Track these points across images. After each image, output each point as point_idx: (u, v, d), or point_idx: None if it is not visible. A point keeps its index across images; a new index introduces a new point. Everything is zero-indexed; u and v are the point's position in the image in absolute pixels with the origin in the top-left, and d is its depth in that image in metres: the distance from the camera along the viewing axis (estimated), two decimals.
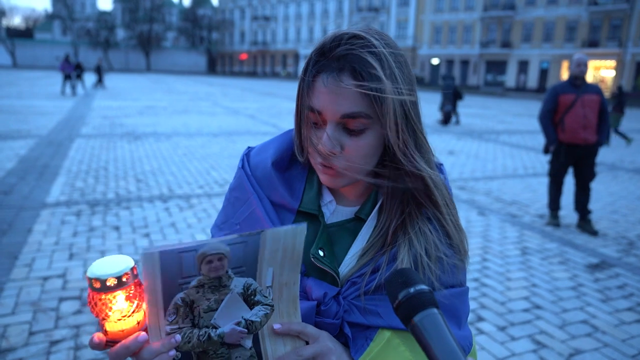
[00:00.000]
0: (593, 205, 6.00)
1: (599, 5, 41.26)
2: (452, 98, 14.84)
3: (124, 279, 0.63)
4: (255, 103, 20.88)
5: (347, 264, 0.82)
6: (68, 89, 21.82)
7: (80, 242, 4.24)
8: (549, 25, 44.65)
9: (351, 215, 0.85)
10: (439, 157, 0.93)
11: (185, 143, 9.69)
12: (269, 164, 0.86)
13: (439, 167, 0.89)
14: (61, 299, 3.23)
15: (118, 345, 0.65)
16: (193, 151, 8.80)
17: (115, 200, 5.58)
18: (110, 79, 34.72)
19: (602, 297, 3.65)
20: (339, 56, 0.73)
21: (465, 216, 5.55)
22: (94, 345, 0.65)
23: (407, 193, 0.81)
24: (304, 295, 0.80)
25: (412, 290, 0.58)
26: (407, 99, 0.75)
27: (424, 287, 0.59)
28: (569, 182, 5.52)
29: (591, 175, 5.21)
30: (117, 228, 4.66)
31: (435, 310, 0.57)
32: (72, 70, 21.31)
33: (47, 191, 5.78)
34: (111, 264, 0.63)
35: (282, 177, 0.86)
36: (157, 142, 9.62)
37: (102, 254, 4.00)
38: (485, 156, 9.80)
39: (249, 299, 0.70)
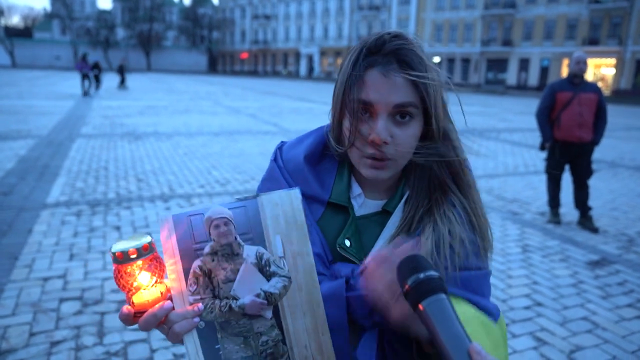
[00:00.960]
0: (593, 202, 6.00)
1: (599, 3, 41.20)
2: None
3: (144, 251, 0.69)
4: (256, 102, 20.87)
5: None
6: (92, 89, 21.43)
7: (80, 243, 4.25)
8: (549, 23, 44.59)
9: (379, 209, 0.89)
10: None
11: (186, 142, 9.69)
12: (301, 157, 0.91)
13: (465, 161, 0.95)
14: (62, 300, 3.23)
15: (146, 314, 0.70)
16: (194, 150, 8.80)
17: (116, 200, 5.58)
18: (109, 79, 34.70)
19: (603, 293, 3.65)
20: (388, 52, 0.80)
21: None
22: (124, 317, 0.70)
23: (435, 180, 0.87)
24: (334, 278, 0.83)
25: (421, 275, 0.59)
26: (444, 89, 0.85)
27: (433, 272, 0.60)
28: (568, 180, 5.52)
29: (588, 173, 5.21)
30: (118, 228, 4.66)
31: (443, 296, 0.58)
32: (89, 70, 20.85)
33: (47, 191, 5.79)
34: (131, 240, 0.70)
35: (313, 170, 0.91)
36: (157, 142, 9.63)
37: (103, 254, 4.01)
38: (486, 154, 9.79)
39: (264, 269, 0.73)
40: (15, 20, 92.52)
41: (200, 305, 0.71)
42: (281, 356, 0.74)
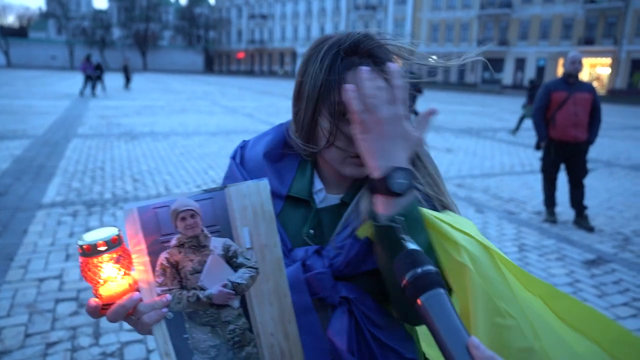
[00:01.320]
0: (589, 201, 6.02)
1: (594, 3, 41.36)
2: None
3: (112, 243, 0.69)
4: (253, 102, 20.86)
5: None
6: (88, 90, 21.18)
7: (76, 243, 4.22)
8: (545, 23, 44.75)
9: (338, 201, 0.92)
10: (437, 155, 0.97)
11: (182, 142, 9.67)
12: (260, 155, 0.94)
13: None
14: (57, 301, 3.22)
15: (114, 305, 0.70)
16: (190, 150, 8.79)
17: (112, 200, 5.56)
18: (106, 79, 34.60)
19: (599, 292, 3.66)
20: (364, 53, 0.83)
21: (463, 213, 5.47)
22: (91, 310, 0.71)
23: None
24: (292, 263, 0.86)
25: (419, 270, 0.59)
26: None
27: (431, 267, 0.60)
28: (564, 179, 5.54)
29: (583, 172, 5.23)
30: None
31: (441, 291, 0.58)
32: (93, 71, 20.61)
33: (43, 192, 5.76)
34: (98, 232, 0.70)
35: (272, 167, 0.93)
36: (154, 142, 9.60)
37: None
38: (483, 154, 9.81)
39: (231, 261, 0.74)
40: (10, 20, 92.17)
41: (168, 296, 0.72)
42: (248, 344, 0.76)
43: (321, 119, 0.86)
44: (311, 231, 0.88)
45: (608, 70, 41.60)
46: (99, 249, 0.68)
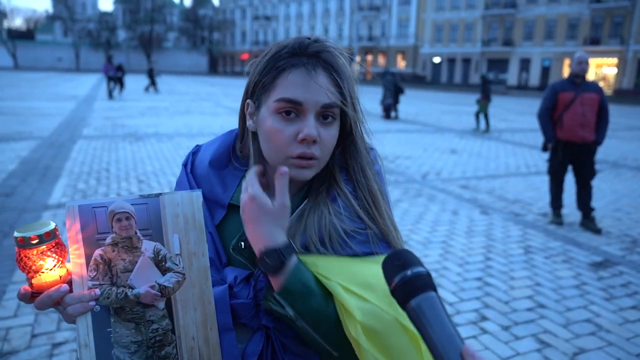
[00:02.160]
0: (596, 203, 5.98)
1: (600, 3, 41.15)
2: (393, 92, 15.16)
3: (45, 237, 0.73)
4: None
5: None
6: (116, 92, 20.97)
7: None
8: (550, 23, 44.56)
9: None
10: (442, 156, 0.96)
11: (187, 144, 9.68)
12: (206, 162, 0.93)
13: (372, 151, 0.95)
14: None
15: (42, 295, 0.74)
16: None
17: None
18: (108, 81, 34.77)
19: (606, 295, 3.63)
20: (312, 53, 0.82)
21: (468, 215, 5.53)
22: (21, 296, 0.75)
23: (324, 173, 0.89)
24: (223, 282, 0.86)
25: (409, 272, 0.57)
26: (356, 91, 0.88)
27: (421, 269, 0.58)
28: (571, 180, 5.50)
29: (591, 173, 5.19)
30: None
31: (433, 294, 0.56)
32: (115, 72, 20.46)
33: (49, 193, 5.79)
34: (35, 226, 0.74)
35: (218, 174, 0.93)
36: (159, 143, 9.62)
37: None
38: (488, 155, 9.77)
39: (160, 264, 0.78)
40: (17, 23, 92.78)
41: (97, 290, 0.75)
42: (169, 344, 0.79)
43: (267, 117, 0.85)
44: (241, 244, 0.86)
45: (614, 71, 41.37)
46: (31, 242, 0.72)
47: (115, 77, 20.60)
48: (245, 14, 77.08)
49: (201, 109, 17.37)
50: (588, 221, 5.18)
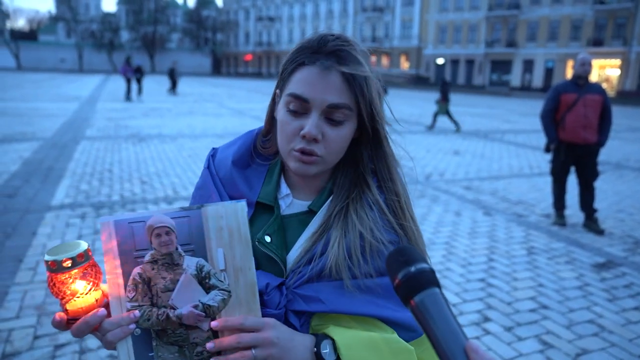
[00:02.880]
0: (599, 204, 5.96)
1: (603, 4, 41.05)
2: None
3: (78, 260, 0.68)
4: (260, 104, 20.89)
5: (294, 253, 0.86)
6: (134, 93, 20.63)
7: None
8: (554, 24, 44.46)
9: (305, 208, 0.90)
10: (445, 157, 0.95)
11: (190, 145, 9.70)
12: (229, 163, 0.92)
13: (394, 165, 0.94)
14: None
15: (78, 321, 0.70)
16: (198, 153, 8.81)
17: (120, 202, 5.59)
18: (114, 81, 34.85)
19: (609, 296, 3.62)
20: (329, 51, 0.81)
21: (471, 216, 5.52)
22: (56, 324, 0.70)
23: (356, 179, 0.89)
24: None
25: (412, 269, 0.57)
26: (381, 93, 0.86)
27: (425, 265, 0.57)
28: (574, 182, 5.48)
29: (594, 174, 5.17)
30: None
31: (436, 290, 0.55)
32: (133, 74, 20.04)
33: (52, 194, 5.80)
34: (66, 247, 0.69)
35: (242, 174, 0.92)
36: (162, 144, 9.64)
37: None
38: (491, 156, 9.76)
39: (203, 281, 0.73)
40: (21, 24, 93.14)
41: (136, 312, 0.71)
42: None
43: (279, 110, 0.86)
44: (267, 237, 0.84)
45: (617, 72, 41.25)
46: (64, 265, 0.67)
47: (134, 78, 20.16)
48: (249, 15, 77.19)
49: (204, 110, 17.39)
50: (591, 222, 5.16)
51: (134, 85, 20.90)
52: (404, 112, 18.90)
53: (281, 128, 0.84)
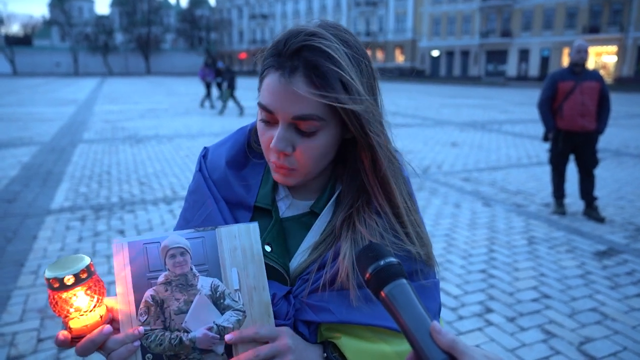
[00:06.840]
0: (599, 192, 5.96)
1: None
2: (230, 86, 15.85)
3: (81, 276, 0.64)
4: (255, 101, 20.81)
5: (298, 259, 0.81)
6: (216, 102, 18.24)
7: (85, 248, 4.25)
8: (548, 12, 44.38)
9: (307, 209, 0.85)
10: (443, 149, 0.92)
11: (187, 144, 9.69)
12: (223, 163, 0.87)
13: (396, 153, 0.85)
14: None
15: (84, 339, 0.66)
16: (195, 152, 8.80)
17: (119, 204, 5.58)
18: (110, 84, 34.77)
19: (611, 284, 3.63)
20: (293, 51, 0.70)
21: (471, 207, 5.52)
22: (60, 343, 0.66)
23: (363, 183, 0.81)
24: None
25: (381, 263, 0.59)
26: (361, 105, 0.72)
27: (392, 259, 0.60)
28: (573, 170, 5.48)
29: (593, 162, 5.16)
30: (122, 232, 4.66)
31: (403, 281, 0.58)
32: (213, 78, 17.17)
33: (51, 197, 5.79)
34: (67, 263, 0.65)
35: (237, 175, 0.86)
36: (159, 145, 9.63)
37: (108, 258, 4.01)
38: (489, 146, 9.76)
39: (218, 302, 0.71)
40: (15, 29, 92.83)
41: (140, 328, 0.68)
42: None
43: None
44: (267, 247, 0.79)
45: (614, 59, 41.20)
46: (66, 283, 0.64)
47: (217, 83, 16.96)
48: (242, 13, 76.99)
49: (200, 109, 17.35)
50: (591, 210, 5.17)
51: (215, 91, 18.22)
52: (400, 104, 18.89)
53: (260, 137, 0.79)
